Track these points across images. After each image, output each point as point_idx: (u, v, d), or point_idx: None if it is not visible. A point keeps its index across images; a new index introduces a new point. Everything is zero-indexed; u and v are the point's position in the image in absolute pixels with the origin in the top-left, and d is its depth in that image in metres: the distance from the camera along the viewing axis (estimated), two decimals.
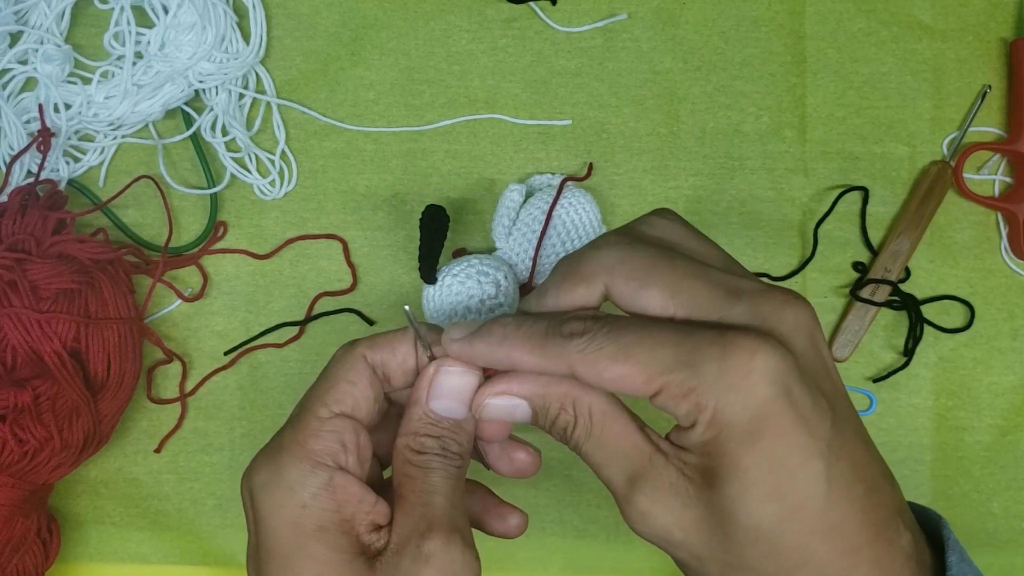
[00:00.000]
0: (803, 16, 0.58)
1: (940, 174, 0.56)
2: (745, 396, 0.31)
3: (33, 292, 0.50)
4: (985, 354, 0.57)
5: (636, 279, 0.34)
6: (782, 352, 0.31)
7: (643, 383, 0.32)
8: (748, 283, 0.34)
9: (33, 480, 0.50)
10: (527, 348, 0.35)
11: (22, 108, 0.56)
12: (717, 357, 0.31)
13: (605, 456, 0.35)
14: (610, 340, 0.33)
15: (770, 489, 0.31)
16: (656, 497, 0.34)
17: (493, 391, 0.37)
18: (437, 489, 0.36)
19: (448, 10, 0.58)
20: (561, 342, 0.34)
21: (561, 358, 0.34)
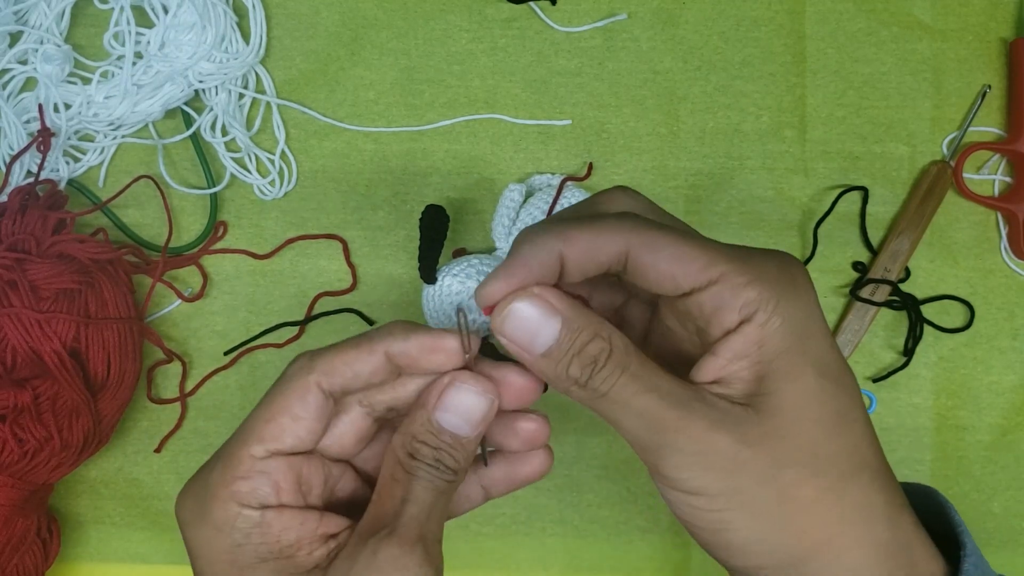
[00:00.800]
0: (803, 16, 0.58)
1: (940, 174, 0.56)
2: (804, 298, 0.32)
3: (33, 292, 0.50)
4: (985, 354, 0.57)
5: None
6: (809, 282, 0.32)
7: (704, 266, 0.31)
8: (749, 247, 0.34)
9: (33, 480, 0.50)
10: (580, 226, 0.32)
11: (22, 108, 0.56)
12: (772, 259, 0.32)
13: (642, 387, 0.32)
14: (664, 227, 0.32)
15: (828, 386, 0.32)
16: (712, 424, 0.31)
17: (524, 293, 0.32)
18: (416, 499, 0.33)
19: (448, 10, 0.58)
20: (615, 221, 0.32)
21: (617, 234, 0.32)
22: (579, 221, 0.33)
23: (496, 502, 0.57)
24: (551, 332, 0.32)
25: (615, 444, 0.57)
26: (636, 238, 0.32)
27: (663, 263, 0.32)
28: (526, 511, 0.57)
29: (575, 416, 0.57)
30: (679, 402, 0.31)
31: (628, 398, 0.32)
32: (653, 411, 0.31)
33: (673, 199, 0.57)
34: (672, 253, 0.32)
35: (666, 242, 0.32)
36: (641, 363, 0.32)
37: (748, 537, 0.32)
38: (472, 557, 0.57)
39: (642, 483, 0.57)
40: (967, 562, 0.33)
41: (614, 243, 0.32)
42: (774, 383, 0.31)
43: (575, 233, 0.32)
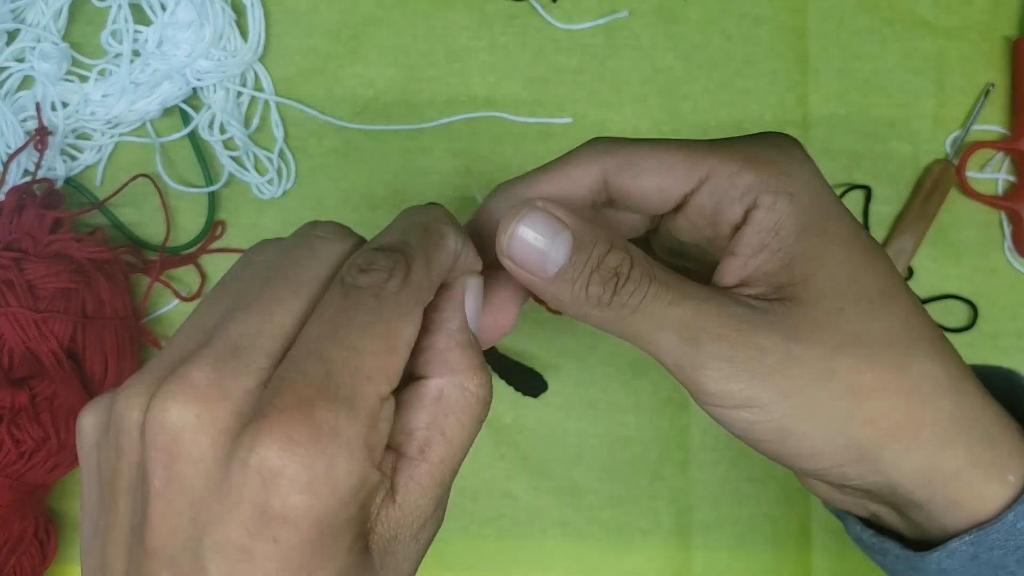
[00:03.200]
0: (805, 13, 0.57)
1: (943, 172, 0.56)
2: (809, 170, 0.29)
3: (30, 291, 0.49)
4: (988, 353, 0.57)
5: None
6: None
7: (688, 168, 0.29)
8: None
9: (30, 480, 0.50)
10: (546, 169, 0.30)
11: (19, 106, 0.56)
12: (766, 140, 0.29)
13: (677, 296, 0.28)
14: (636, 141, 0.30)
15: (860, 259, 0.29)
16: (751, 330, 0.28)
17: (528, 207, 0.28)
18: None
19: (448, 7, 0.57)
20: (582, 151, 0.30)
21: (588, 164, 0.30)
22: (546, 165, 0.31)
23: (496, 504, 0.57)
24: (563, 249, 0.28)
25: (616, 445, 0.57)
26: (610, 161, 0.30)
27: (645, 179, 0.29)
28: (526, 513, 0.57)
29: (576, 416, 0.57)
30: (719, 308, 0.28)
31: (662, 310, 0.28)
32: (691, 320, 0.28)
33: None
34: (652, 164, 0.29)
35: (642, 155, 0.29)
36: (667, 271, 0.29)
37: (816, 439, 0.29)
38: (472, 558, 0.57)
39: (643, 484, 0.57)
40: None
41: (587, 174, 0.30)
42: (803, 268, 0.29)
43: (542, 176, 0.30)
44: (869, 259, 0.30)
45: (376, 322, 0.25)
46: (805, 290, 0.29)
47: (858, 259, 0.29)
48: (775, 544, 0.56)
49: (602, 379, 0.57)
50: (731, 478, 0.56)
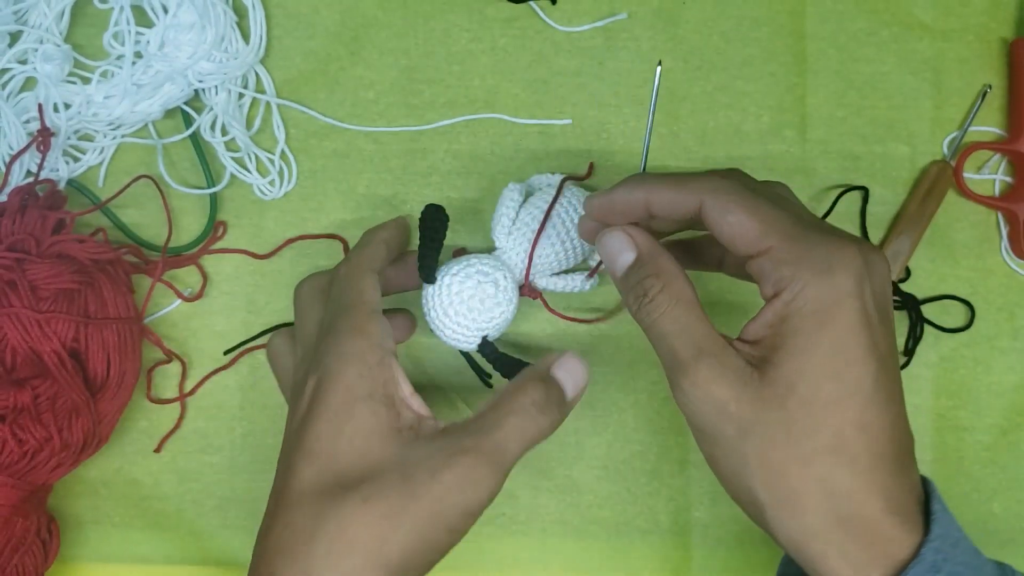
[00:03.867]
0: (804, 16, 0.58)
1: (940, 174, 0.56)
2: (837, 285, 0.36)
3: (32, 292, 0.50)
4: (985, 354, 0.57)
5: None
6: (871, 271, 0.37)
7: (758, 236, 0.37)
8: (830, 227, 0.39)
9: (33, 480, 0.50)
10: (668, 184, 0.40)
11: (21, 108, 0.56)
12: (825, 243, 0.37)
13: (678, 327, 0.39)
14: (739, 191, 0.39)
15: (832, 369, 0.36)
16: (719, 372, 0.37)
17: (618, 228, 0.43)
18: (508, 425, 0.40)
19: (448, 9, 0.58)
20: (696, 181, 0.40)
21: (695, 192, 0.39)
22: (666, 176, 0.41)
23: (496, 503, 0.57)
24: (626, 259, 0.42)
25: (615, 445, 0.57)
26: (709, 198, 0.39)
27: (726, 226, 0.38)
28: (526, 511, 0.57)
29: (576, 416, 0.57)
30: (699, 351, 0.38)
31: (662, 334, 0.40)
32: (677, 351, 0.39)
33: None
34: (736, 219, 0.38)
35: (734, 207, 0.38)
36: (686, 309, 0.39)
37: (723, 473, 0.39)
38: (471, 557, 0.57)
39: (642, 484, 0.57)
40: (932, 534, 0.36)
41: (690, 200, 0.40)
42: (783, 355, 0.37)
43: (659, 187, 0.41)
44: (851, 367, 0.36)
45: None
46: (773, 372, 0.37)
47: (838, 365, 0.36)
48: (773, 543, 0.56)
49: (602, 379, 0.57)
50: None
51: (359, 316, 0.43)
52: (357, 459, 0.40)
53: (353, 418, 0.40)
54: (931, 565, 0.36)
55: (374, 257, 0.47)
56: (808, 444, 0.36)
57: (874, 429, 0.36)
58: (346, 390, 0.41)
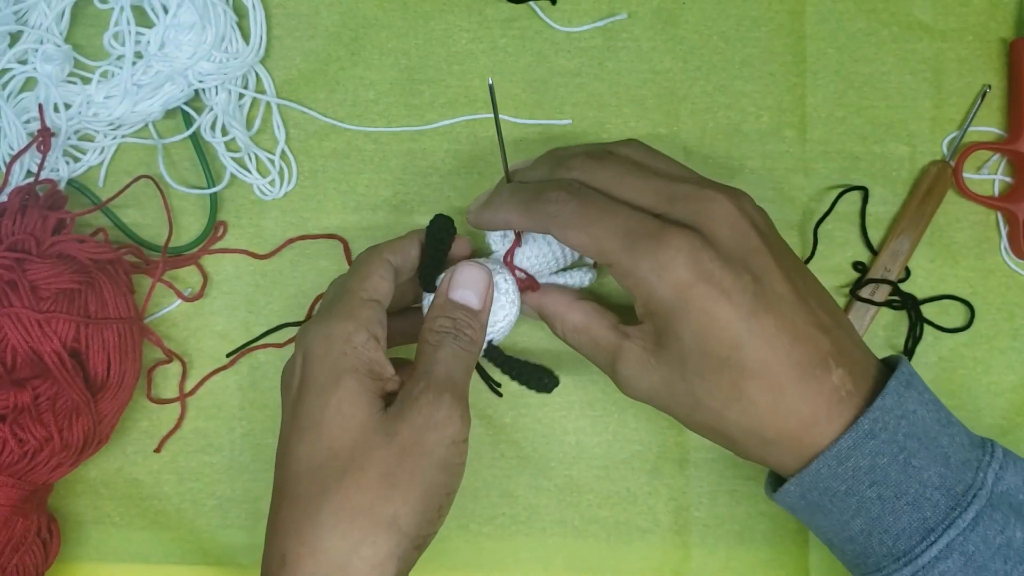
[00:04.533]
0: (803, 16, 0.58)
1: (940, 174, 0.56)
2: (671, 281, 0.41)
3: (33, 292, 0.50)
4: (985, 354, 0.57)
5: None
6: (702, 243, 0.41)
7: (598, 256, 0.43)
8: (686, 187, 0.43)
9: (33, 480, 0.50)
10: (516, 211, 0.45)
11: (22, 108, 0.56)
12: (651, 250, 0.41)
13: (591, 350, 0.47)
14: (576, 215, 0.43)
15: (703, 349, 0.41)
16: (629, 371, 0.45)
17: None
18: (440, 360, 0.44)
19: (448, 10, 0.58)
20: (541, 208, 0.44)
21: (540, 221, 0.44)
22: (518, 198, 0.46)
23: (496, 502, 0.57)
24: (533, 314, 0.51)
25: (615, 444, 0.57)
26: (553, 225, 0.44)
27: (574, 247, 0.44)
28: (526, 511, 0.57)
29: (576, 416, 0.57)
30: (612, 359, 0.46)
31: (587, 355, 0.49)
32: (602, 366, 0.48)
33: None
34: (576, 241, 0.44)
35: (571, 232, 0.43)
36: (586, 333, 0.48)
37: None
38: (471, 557, 0.57)
39: (642, 483, 0.57)
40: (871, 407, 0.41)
41: (537, 226, 0.45)
42: (664, 340, 0.43)
43: (513, 214, 0.47)
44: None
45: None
46: (667, 341, 0.43)
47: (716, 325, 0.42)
48: (773, 542, 0.57)
49: (601, 379, 0.57)
50: (729, 476, 0.57)
51: (353, 302, 0.45)
52: (347, 428, 0.42)
53: (339, 388, 0.42)
54: (867, 432, 0.41)
55: (396, 249, 0.48)
56: (716, 403, 0.42)
57: (768, 368, 0.41)
58: (331, 366, 0.43)
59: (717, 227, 0.42)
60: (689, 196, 0.43)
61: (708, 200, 0.42)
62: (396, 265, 0.47)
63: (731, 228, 0.42)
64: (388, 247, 0.48)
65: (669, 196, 0.43)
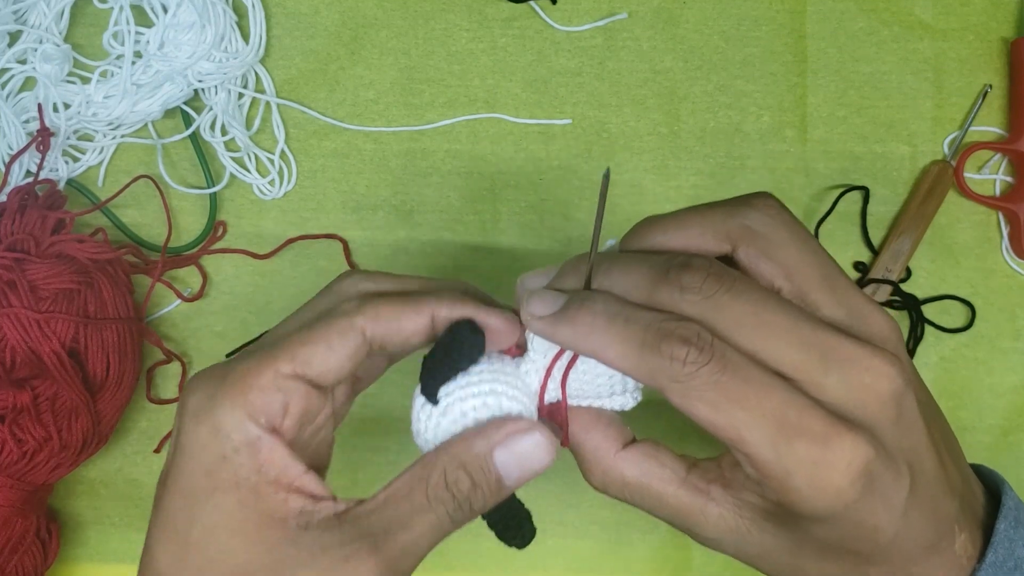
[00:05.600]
0: (804, 15, 0.58)
1: (941, 174, 0.56)
2: (829, 492, 0.31)
3: (32, 292, 0.50)
4: (986, 354, 0.57)
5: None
6: (872, 448, 0.31)
7: (730, 441, 0.31)
8: (843, 345, 0.31)
9: (32, 480, 0.50)
10: (618, 351, 0.32)
11: (21, 108, 0.56)
12: (812, 457, 0.30)
13: (652, 507, 0.36)
14: (714, 386, 0.30)
15: (835, 544, 0.32)
16: (712, 534, 0.35)
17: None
18: (416, 527, 0.32)
19: (448, 9, 0.58)
20: (658, 360, 0.31)
21: (654, 378, 0.31)
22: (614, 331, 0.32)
23: None
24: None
25: None
26: (672, 395, 0.32)
27: (693, 419, 0.32)
28: None
29: None
30: (688, 527, 0.37)
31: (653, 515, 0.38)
32: (677, 528, 0.37)
33: (674, 199, 0.57)
34: (703, 420, 0.32)
35: (703, 410, 0.31)
36: (646, 494, 0.38)
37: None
38: (471, 558, 0.57)
39: None
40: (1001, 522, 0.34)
41: (650, 384, 0.33)
42: (791, 528, 0.34)
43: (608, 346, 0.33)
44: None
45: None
46: (796, 531, 0.34)
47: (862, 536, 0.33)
48: None
49: None
50: None
51: (262, 371, 0.32)
52: (217, 556, 0.31)
53: (212, 509, 0.31)
54: None
55: (386, 315, 0.33)
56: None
57: (902, 550, 0.33)
58: (205, 474, 0.31)
59: (884, 415, 0.32)
60: (848, 361, 0.31)
61: (874, 374, 0.31)
62: (376, 338, 0.33)
63: (899, 417, 0.32)
64: (371, 312, 0.33)
65: (822, 355, 0.31)
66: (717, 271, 0.31)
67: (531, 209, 0.57)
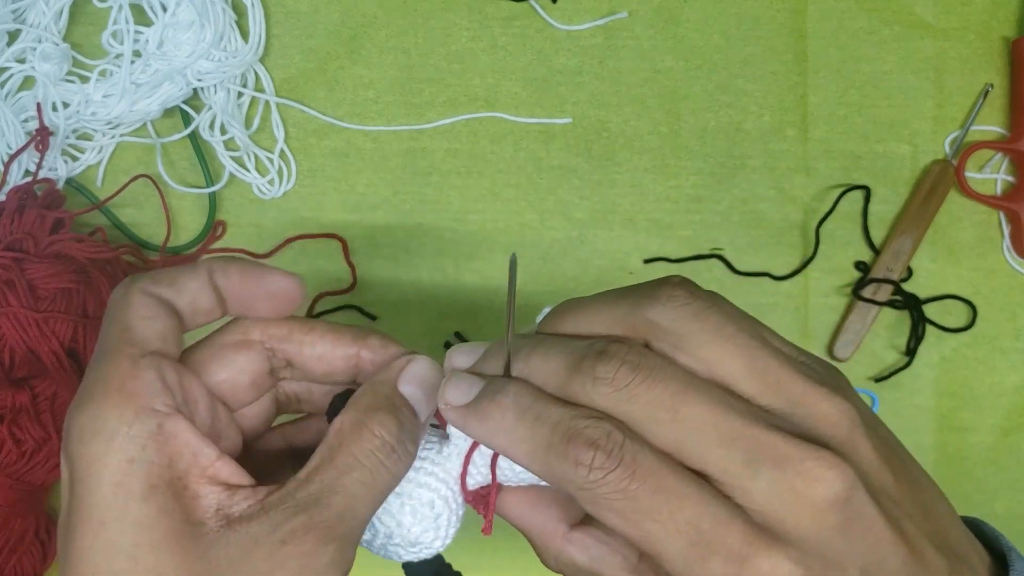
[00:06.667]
0: (804, 14, 0.57)
1: (942, 173, 0.56)
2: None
3: (31, 292, 0.49)
4: (987, 354, 0.57)
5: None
6: (801, 566, 0.27)
7: (649, 552, 0.28)
8: (773, 440, 0.27)
9: (31, 480, 0.50)
10: (525, 452, 0.29)
11: (20, 107, 0.56)
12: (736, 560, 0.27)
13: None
14: (622, 495, 0.27)
15: None
16: None
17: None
18: (349, 486, 0.30)
19: (448, 8, 0.57)
20: (564, 466, 0.28)
21: (562, 484, 0.28)
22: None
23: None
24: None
25: None
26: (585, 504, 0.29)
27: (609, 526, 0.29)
28: None
29: None
30: None
31: None
32: None
33: (674, 198, 0.57)
34: (619, 532, 0.29)
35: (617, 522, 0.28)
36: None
37: None
38: (471, 558, 0.57)
39: None
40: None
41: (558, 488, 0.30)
42: None
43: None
44: None
45: None
46: None
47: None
48: None
49: None
50: None
51: (119, 364, 0.29)
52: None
53: (128, 523, 0.28)
54: None
55: (173, 279, 0.32)
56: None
57: None
58: (113, 489, 0.28)
59: (822, 525, 0.27)
60: (780, 462, 0.27)
61: (807, 478, 0.27)
62: (162, 295, 0.32)
63: (845, 523, 0.27)
64: (148, 278, 0.32)
65: (748, 453, 0.27)
66: (634, 359, 0.28)
67: (531, 208, 0.57)
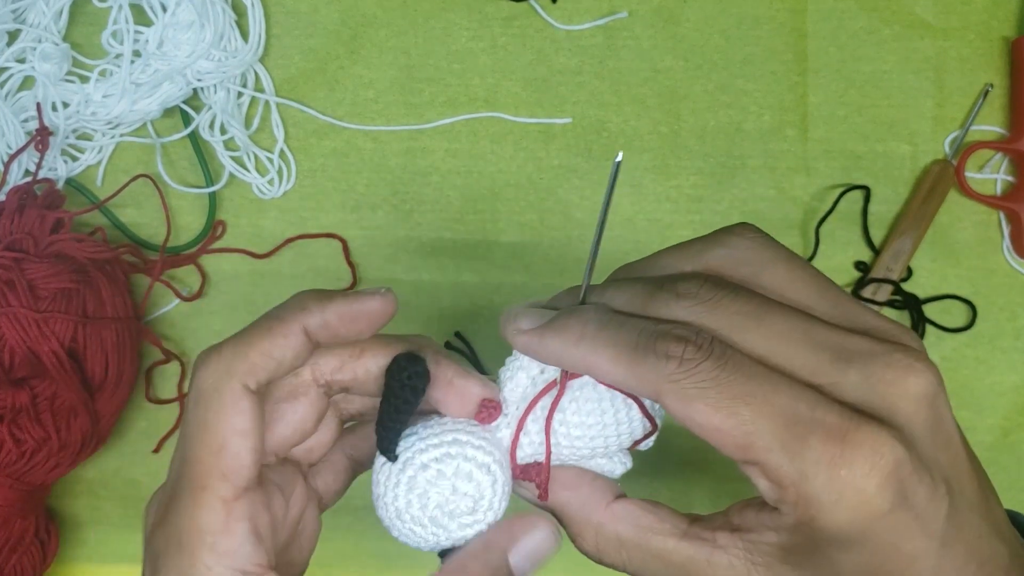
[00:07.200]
0: (804, 14, 0.57)
1: (942, 173, 0.56)
2: (856, 505, 0.27)
3: (31, 292, 0.49)
4: (987, 354, 0.57)
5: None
6: (903, 448, 0.27)
7: (737, 449, 0.27)
8: (858, 341, 0.28)
9: (31, 480, 0.50)
10: (610, 356, 0.28)
11: (20, 107, 0.56)
12: (831, 457, 0.26)
13: (651, 566, 0.32)
14: (715, 383, 0.27)
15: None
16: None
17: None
18: None
19: (448, 8, 0.57)
20: (654, 362, 0.28)
21: (650, 382, 0.28)
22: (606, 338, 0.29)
23: None
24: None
25: None
26: (670, 398, 0.28)
27: (694, 429, 0.28)
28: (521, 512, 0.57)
29: None
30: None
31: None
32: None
33: (674, 198, 0.57)
34: (705, 425, 0.28)
35: (703, 410, 0.28)
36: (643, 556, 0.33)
37: None
38: None
39: (642, 484, 0.57)
40: None
41: (644, 388, 0.29)
42: (813, 562, 0.30)
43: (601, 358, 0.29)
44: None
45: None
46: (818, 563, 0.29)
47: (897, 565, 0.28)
48: None
49: None
50: (728, 477, 0.57)
51: (212, 510, 0.29)
52: None
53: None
54: None
55: (268, 352, 0.30)
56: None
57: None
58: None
59: (914, 415, 0.28)
60: (869, 360, 0.28)
61: (903, 371, 0.28)
62: (261, 384, 0.30)
63: (931, 415, 0.28)
64: (239, 358, 0.30)
65: (837, 353, 0.28)
66: (714, 279, 0.29)
67: (531, 208, 0.57)
